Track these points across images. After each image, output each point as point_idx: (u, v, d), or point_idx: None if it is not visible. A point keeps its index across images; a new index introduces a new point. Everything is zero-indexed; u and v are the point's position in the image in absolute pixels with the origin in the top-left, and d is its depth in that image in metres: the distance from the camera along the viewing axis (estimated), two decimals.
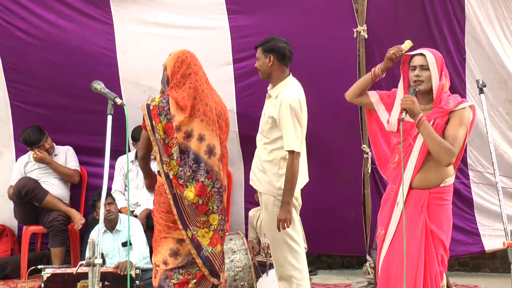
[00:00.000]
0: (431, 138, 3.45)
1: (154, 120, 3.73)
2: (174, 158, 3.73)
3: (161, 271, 3.83)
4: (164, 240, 3.84)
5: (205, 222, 3.78)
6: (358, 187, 5.66)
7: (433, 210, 3.57)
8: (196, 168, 3.75)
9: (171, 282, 3.79)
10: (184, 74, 3.81)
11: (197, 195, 3.73)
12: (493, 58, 5.51)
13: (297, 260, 4.34)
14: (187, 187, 3.73)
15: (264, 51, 4.31)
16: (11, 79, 5.77)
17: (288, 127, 4.15)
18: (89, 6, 5.56)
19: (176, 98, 3.76)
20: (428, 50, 3.65)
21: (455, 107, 3.53)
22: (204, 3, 5.55)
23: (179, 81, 3.81)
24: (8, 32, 5.63)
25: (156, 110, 3.75)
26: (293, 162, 4.16)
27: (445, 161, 3.47)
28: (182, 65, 3.83)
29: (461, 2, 5.43)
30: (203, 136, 3.77)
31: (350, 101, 3.93)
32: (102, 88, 3.58)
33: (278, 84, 4.30)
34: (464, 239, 5.68)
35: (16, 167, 5.82)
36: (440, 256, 3.58)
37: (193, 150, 3.75)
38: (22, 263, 5.55)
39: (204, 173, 3.76)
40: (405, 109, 3.50)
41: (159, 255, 3.85)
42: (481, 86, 4.06)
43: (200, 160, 3.75)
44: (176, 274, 3.80)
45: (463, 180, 5.62)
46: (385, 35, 5.48)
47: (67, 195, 5.87)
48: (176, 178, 3.73)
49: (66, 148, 5.91)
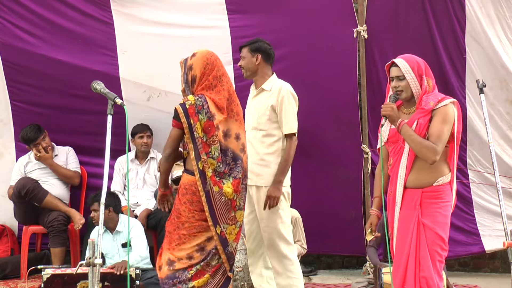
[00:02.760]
0: (412, 140, 3.55)
1: (192, 119, 3.77)
2: (213, 155, 3.80)
3: (183, 263, 3.83)
4: (192, 239, 3.85)
5: (233, 218, 3.88)
6: (358, 187, 5.66)
7: (426, 207, 3.60)
8: (233, 166, 3.87)
9: (189, 274, 3.82)
10: (216, 76, 3.88)
11: (235, 191, 3.85)
12: (493, 58, 5.50)
13: (291, 251, 4.46)
14: (224, 184, 3.83)
15: (251, 50, 4.53)
16: (11, 79, 5.76)
17: (289, 111, 4.41)
18: (90, 6, 5.55)
19: (213, 99, 3.83)
20: (403, 58, 3.67)
21: (436, 105, 3.57)
22: (204, 3, 5.55)
23: (211, 83, 3.87)
24: (8, 31, 5.62)
25: (193, 109, 3.77)
26: (291, 145, 4.43)
27: (429, 160, 3.53)
28: (213, 67, 3.89)
29: (462, 2, 5.41)
30: (239, 135, 3.91)
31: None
32: (102, 88, 3.58)
33: (267, 79, 4.53)
34: (464, 240, 5.67)
35: (16, 167, 5.82)
36: (437, 253, 3.57)
37: (231, 149, 3.86)
38: (22, 263, 5.55)
39: (240, 169, 3.89)
40: (385, 115, 3.64)
41: (183, 251, 3.84)
42: (481, 86, 4.07)
43: (238, 158, 3.88)
44: (196, 266, 3.84)
45: (463, 180, 5.62)
46: (385, 35, 5.49)
47: (67, 195, 5.87)
48: (214, 175, 3.80)
49: (67, 149, 5.91)
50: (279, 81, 4.52)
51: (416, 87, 3.62)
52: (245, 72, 4.57)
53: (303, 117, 5.39)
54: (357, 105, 5.57)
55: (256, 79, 4.56)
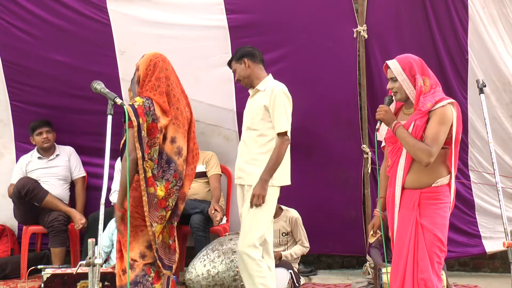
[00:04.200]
0: (407, 142, 3.54)
1: (141, 118, 3.82)
2: (151, 157, 3.87)
3: (139, 266, 3.91)
4: (140, 234, 3.93)
5: (162, 217, 3.93)
6: (358, 187, 5.66)
7: (425, 208, 3.59)
8: (166, 169, 3.94)
9: (149, 278, 3.92)
10: (158, 77, 3.96)
11: (167, 193, 3.93)
12: (496, 59, 5.42)
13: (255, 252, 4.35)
14: (158, 186, 3.89)
15: (237, 60, 4.57)
16: (11, 79, 5.76)
17: (281, 110, 4.36)
18: (86, 6, 5.52)
19: (158, 101, 3.91)
20: (397, 59, 3.67)
21: (433, 106, 3.55)
22: (202, 2, 5.53)
23: (154, 84, 3.95)
24: (8, 32, 5.62)
25: (142, 109, 3.83)
26: (282, 144, 4.35)
27: (423, 161, 3.52)
28: (156, 68, 3.98)
29: (464, 2, 5.33)
30: (174, 139, 3.97)
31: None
32: (102, 88, 3.59)
33: (263, 80, 4.52)
34: (465, 241, 5.66)
35: (18, 166, 5.82)
36: (435, 254, 3.55)
37: (166, 152, 3.94)
38: (22, 263, 5.55)
39: (172, 172, 3.96)
40: (379, 119, 3.67)
41: (136, 250, 3.92)
42: (481, 86, 4.05)
43: (171, 161, 3.95)
44: (152, 267, 3.94)
45: (463, 181, 5.61)
46: (385, 35, 5.48)
47: (67, 195, 5.87)
48: (152, 177, 3.87)
49: (69, 150, 5.92)
50: (273, 82, 4.51)
51: (410, 88, 3.61)
52: (242, 82, 4.60)
53: (303, 117, 5.42)
54: (357, 105, 5.56)
55: (253, 81, 4.56)
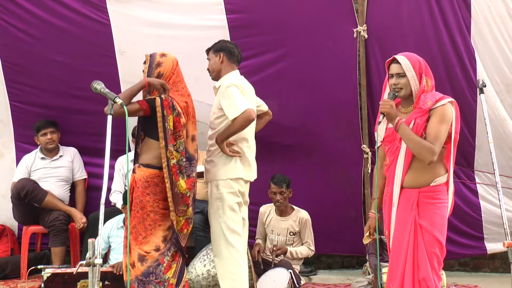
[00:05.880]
0: (410, 139, 3.53)
1: (166, 111, 4.01)
2: (177, 148, 4.07)
3: (153, 257, 4.06)
4: (158, 228, 4.11)
5: (183, 211, 4.11)
6: (358, 187, 5.66)
7: (423, 208, 3.59)
8: (187, 165, 4.13)
9: (162, 267, 4.06)
10: (175, 81, 4.19)
11: (188, 188, 4.10)
12: (500, 60, 5.37)
13: (233, 255, 4.35)
14: (180, 179, 4.06)
15: (214, 51, 4.58)
16: (11, 79, 5.77)
17: (228, 101, 4.25)
18: (86, 7, 5.53)
19: (177, 101, 4.12)
20: (404, 55, 3.66)
21: (433, 105, 3.56)
22: (202, 2, 5.53)
23: (176, 86, 4.20)
24: (7, 32, 5.62)
25: (168, 102, 4.04)
26: (240, 117, 4.17)
27: (426, 159, 3.52)
28: (174, 72, 4.21)
29: (467, 2, 5.28)
30: (194, 137, 4.21)
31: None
32: (102, 88, 3.60)
33: (223, 77, 4.51)
34: (467, 243, 5.65)
35: (22, 164, 5.81)
36: (435, 254, 3.55)
37: (188, 149, 4.15)
38: (22, 263, 5.55)
39: (194, 169, 4.18)
40: (383, 113, 3.62)
41: (151, 244, 4.09)
42: (481, 86, 4.05)
43: (192, 158, 4.16)
44: (166, 256, 4.10)
45: (469, 184, 5.57)
46: (385, 35, 5.47)
47: (67, 196, 5.87)
48: (175, 166, 4.04)
49: (73, 151, 5.93)
50: (229, 78, 4.44)
51: (416, 86, 3.61)
52: (211, 74, 4.59)
53: (303, 117, 5.43)
54: (357, 105, 5.56)
55: (219, 77, 4.53)
